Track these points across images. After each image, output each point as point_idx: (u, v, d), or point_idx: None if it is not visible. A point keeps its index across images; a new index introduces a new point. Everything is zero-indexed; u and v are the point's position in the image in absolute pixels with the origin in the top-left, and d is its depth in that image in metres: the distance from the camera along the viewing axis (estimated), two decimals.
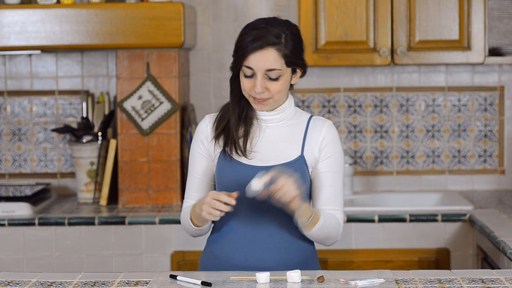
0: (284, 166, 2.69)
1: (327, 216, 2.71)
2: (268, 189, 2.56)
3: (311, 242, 2.82)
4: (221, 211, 2.60)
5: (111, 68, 4.51)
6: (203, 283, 2.48)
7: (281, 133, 2.75)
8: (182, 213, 2.83)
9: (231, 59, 2.76)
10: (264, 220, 2.73)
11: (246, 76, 2.67)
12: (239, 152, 2.71)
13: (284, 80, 2.67)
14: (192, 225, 2.76)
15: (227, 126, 2.74)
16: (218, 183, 2.76)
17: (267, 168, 2.68)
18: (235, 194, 2.59)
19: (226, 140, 2.74)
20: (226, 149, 2.73)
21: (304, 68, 2.74)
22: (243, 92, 2.70)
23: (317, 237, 2.72)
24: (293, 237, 2.76)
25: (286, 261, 2.74)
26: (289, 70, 2.68)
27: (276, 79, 2.65)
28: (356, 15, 4.19)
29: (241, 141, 2.72)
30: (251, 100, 2.70)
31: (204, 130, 2.78)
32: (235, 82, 2.74)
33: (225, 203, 2.59)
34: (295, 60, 2.68)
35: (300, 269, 2.71)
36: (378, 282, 2.49)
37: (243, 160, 2.72)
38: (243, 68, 2.66)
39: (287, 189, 2.56)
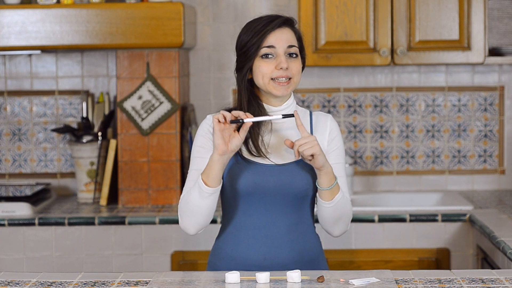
0: (298, 162, 2.72)
1: (344, 197, 2.74)
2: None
3: (319, 240, 2.84)
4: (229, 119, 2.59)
5: (111, 68, 4.51)
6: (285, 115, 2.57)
7: (291, 130, 2.76)
8: (183, 197, 2.71)
9: (231, 59, 2.76)
10: (279, 219, 2.73)
11: (264, 58, 2.69)
12: (254, 152, 2.71)
13: (300, 62, 2.73)
14: (204, 187, 2.63)
15: (238, 128, 2.73)
16: (232, 185, 2.73)
17: (282, 166, 2.72)
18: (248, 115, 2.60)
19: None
20: (240, 151, 2.72)
21: (305, 61, 2.79)
22: (263, 79, 2.70)
23: (333, 212, 2.72)
24: (306, 234, 2.78)
25: (302, 257, 2.75)
26: (299, 55, 2.74)
27: (294, 57, 2.70)
28: (356, 15, 4.19)
29: (254, 142, 2.72)
30: (271, 86, 2.70)
31: (208, 130, 2.76)
32: (245, 84, 2.73)
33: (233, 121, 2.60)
34: (303, 48, 2.76)
35: (312, 266, 2.73)
36: (374, 281, 2.49)
37: (257, 159, 2.72)
38: (262, 50, 2.68)
39: (310, 145, 2.59)
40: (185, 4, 4.17)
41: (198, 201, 2.66)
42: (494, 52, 4.43)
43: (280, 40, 2.68)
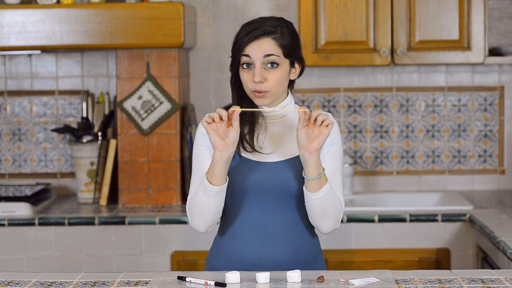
0: (292, 160, 2.72)
1: (332, 190, 2.68)
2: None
3: (317, 239, 2.84)
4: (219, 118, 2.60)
5: (111, 68, 4.51)
6: (217, 283, 2.48)
7: (285, 128, 2.77)
8: (191, 198, 2.72)
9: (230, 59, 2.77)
10: (274, 217, 2.73)
11: (245, 68, 2.69)
12: (248, 149, 2.72)
13: (282, 71, 2.70)
14: (209, 186, 2.64)
15: None
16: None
17: (276, 164, 2.72)
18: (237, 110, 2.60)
19: None
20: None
21: (302, 63, 2.75)
22: (245, 89, 2.72)
23: (321, 205, 2.66)
24: (303, 233, 2.77)
25: (298, 257, 2.74)
26: (287, 62, 2.71)
27: (274, 67, 2.68)
28: (356, 15, 4.19)
29: (249, 139, 2.73)
30: (252, 96, 2.72)
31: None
32: (235, 82, 2.76)
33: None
34: (293, 52, 2.72)
35: (309, 266, 2.73)
36: (374, 281, 2.49)
37: (250, 156, 2.73)
38: (242, 58, 2.69)
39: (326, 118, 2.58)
40: (185, 4, 4.17)
41: (205, 200, 2.67)
42: (494, 52, 4.43)
43: (256, 50, 2.67)
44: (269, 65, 2.68)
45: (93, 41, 4.06)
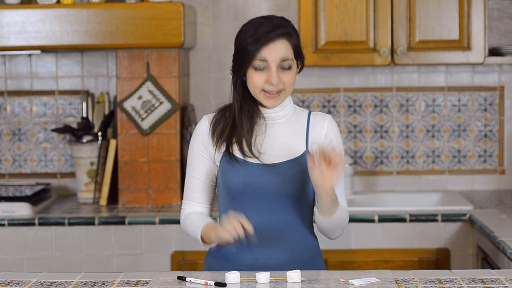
0: (290, 162, 2.71)
1: (342, 206, 2.72)
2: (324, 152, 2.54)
3: (317, 241, 2.83)
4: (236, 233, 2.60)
5: (111, 68, 4.51)
6: (217, 283, 2.48)
7: (284, 129, 2.76)
8: (185, 220, 2.80)
9: (230, 59, 2.76)
10: (273, 219, 2.73)
11: (257, 70, 2.66)
12: (247, 153, 2.71)
13: (294, 72, 2.71)
14: (202, 243, 2.74)
15: (232, 129, 2.73)
16: (224, 185, 2.74)
17: (274, 166, 2.70)
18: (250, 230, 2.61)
19: (230, 142, 2.73)
20: (232, 150, 2.72)
21: (303, 62, 2.76)
22: (254, 89, 2.69)
23: (331, 225, 2.71)
24: (302, 235, 2.76)
25: (295, 259, 2.74)
26: (295, 62, 2.71)
27: (288, 69, 2.68)
28: (356, 15, 4.19)
29: (248, 142, 2.72)
30: (261, 97, 2.69)
31: (204, 132, 2.78)
32: (239, 85, 2.73)
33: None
34: (300, 53, 2.73)
35: (307, 268, 2.72)
36: (374, 281, 2.49)
37: (249, 159, 2.72)
38: (255, 62, 2.65)
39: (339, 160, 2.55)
40: (185, 4, 4.17)
41: (195, 238, 2.77)
42: (494, 52, 4.43)
43: (273, 53, 2.65)
44: (284, 67, 2.67)
45: (93, 41, 4.07)
